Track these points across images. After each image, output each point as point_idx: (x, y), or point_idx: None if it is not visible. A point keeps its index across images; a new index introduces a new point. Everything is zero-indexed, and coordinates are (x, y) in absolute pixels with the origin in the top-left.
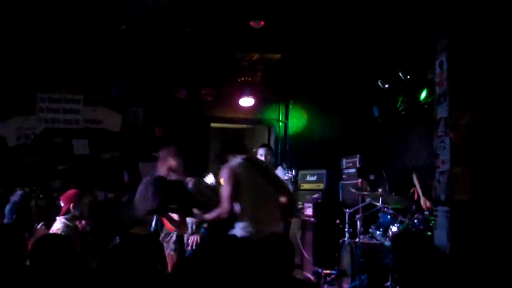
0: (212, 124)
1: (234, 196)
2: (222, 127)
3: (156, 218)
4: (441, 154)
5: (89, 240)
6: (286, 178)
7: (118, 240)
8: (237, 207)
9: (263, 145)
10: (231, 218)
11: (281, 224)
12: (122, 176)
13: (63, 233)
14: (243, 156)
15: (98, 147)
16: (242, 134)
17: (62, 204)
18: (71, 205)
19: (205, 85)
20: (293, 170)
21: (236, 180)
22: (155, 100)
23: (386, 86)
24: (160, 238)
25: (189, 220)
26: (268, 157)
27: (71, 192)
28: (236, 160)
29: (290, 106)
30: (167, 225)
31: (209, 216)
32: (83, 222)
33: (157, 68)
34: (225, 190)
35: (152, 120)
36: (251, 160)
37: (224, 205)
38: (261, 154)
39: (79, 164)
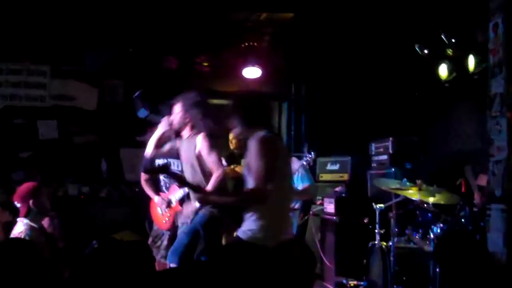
0: (209, 101)
1: (274, 175)
2: (222, 104)
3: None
4: (496, 139)
5: (59, 244)
6: (304, 163)
7: (95, 245)
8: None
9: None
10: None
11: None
12: (100, 166)
13: (27, 237)
14: (270, 133)
15: (69, 130)
16: None
17: (18, 205)
18: (30, 202)
19: (201, 53)
20: (312, 153)
21: (277, 156)
22: (139, 71)
23: (425, 51)
24: (149, 242)
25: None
26: None
27: (24, 187)
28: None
29: (306, 78)
30: (157, 219)
31: (237, 196)
32: (47, 219)
33: (141, 32)
34: (262, 163)
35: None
36: (281, 138)
37: (260, 184)
38: None
39: (46, 150)
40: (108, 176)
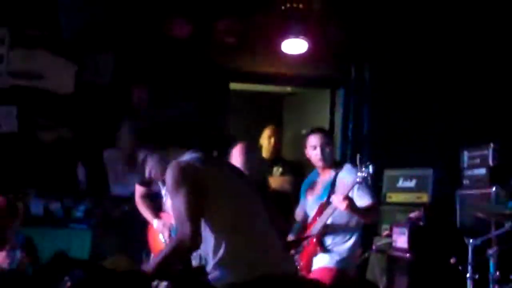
0: (233, 85)
1: (201, 210)
2: (250, 90)
3: None
4: None
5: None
6: (358, 180)
7: (68, 284)
8: (203, 225)
9: (316, 130)
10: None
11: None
12: (75, 172)
13: None
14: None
15: (35, 121)
16: (281, 103)
17: None
18: None
19: (223, 16)
20: (370, 167)
21: (195, 180)
22: (133, 40)
23: None
24: None
25: None
26: (327, 150)
27: None
28: (188, 156)
29: (371, 56)
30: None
31: (162, 255)
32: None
33: None
34: (181, 202)
35: (127, 75)
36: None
37: (184, 225)
38: (313, 145)
39: (0, 148)
40: (87, 188)
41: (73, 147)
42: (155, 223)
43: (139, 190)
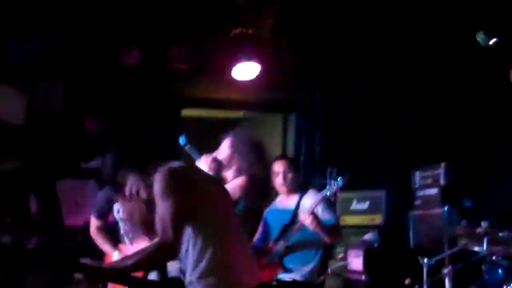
0: (185, 112)
1: (184, 216)
2: (202, 116)
3: None
4: None
5: None
6: (328, 194)
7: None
8: (187, 238)
9: (280, 157)
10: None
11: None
12: (27, 204)
13: None
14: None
15: None
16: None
17: None
18: None
19: (175, 42)
20: (340, 179)
21: (186, 188)
22: (85, 68)
23: (492, 42)
24: None
25: None
26: (290, 176)
27: None
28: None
29: (323, 79)
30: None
31: (138, 257)
32: None
33: (89, 11)
34: (167, 208)
35: (79, 104)
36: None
37: (166, 231)
38: (276, 172)
39: None
40: (40, 220)
41: (25, 178)
42: (115, 255)
43: (94, 222)
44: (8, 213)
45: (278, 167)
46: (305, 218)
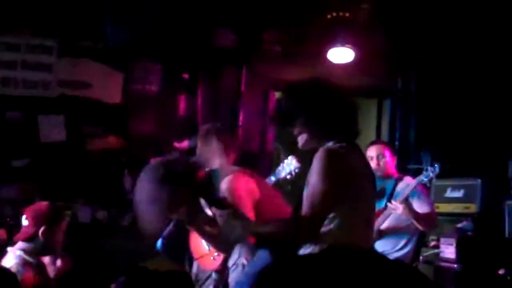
0: (278, 94)
1: (337, 199)
2: None
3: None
4: None
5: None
6: (424, 180)
7: (123, 280)
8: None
9: (374, 142)
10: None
11: None
12: (121, 182)
13: (18, 275)
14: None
15: (82, 130)
16: None
17: (25, 223)
18: (41, 230)
19: (267, 26)
20: (436, 166)
21: (345, 173)
22: (180, 50)
23: None
24: None
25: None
26: (383, 161)
27: (43, 207)
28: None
29: (419, 66)
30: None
31: (273, 226)
32: (59, 262)
33: None
34: (320, 183)
35: (175, 84)
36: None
37: (316, 208)
38: (370, 156)
39: (49, 158)
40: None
41: (121, 156)
42: None
43: None
44: (103, 190)
45: (372, 152)
46: (396, 207)
